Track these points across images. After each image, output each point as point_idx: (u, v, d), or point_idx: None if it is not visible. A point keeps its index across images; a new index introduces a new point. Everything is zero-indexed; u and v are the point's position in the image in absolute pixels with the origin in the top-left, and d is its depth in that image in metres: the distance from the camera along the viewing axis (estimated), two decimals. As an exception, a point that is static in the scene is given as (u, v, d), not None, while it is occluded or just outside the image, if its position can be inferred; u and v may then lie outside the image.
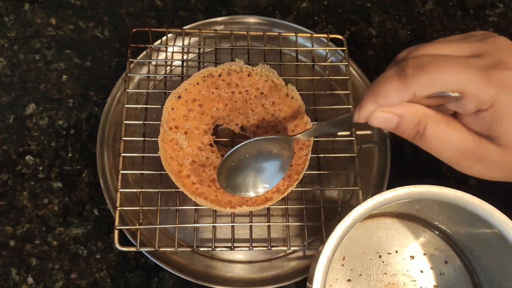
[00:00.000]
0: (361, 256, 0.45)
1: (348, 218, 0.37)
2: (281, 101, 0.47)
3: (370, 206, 0.37)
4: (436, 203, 0.40)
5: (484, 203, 0.38)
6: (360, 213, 0.37)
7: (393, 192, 0.38)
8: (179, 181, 0.43)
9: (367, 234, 0.46)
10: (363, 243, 0.45)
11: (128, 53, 0.50)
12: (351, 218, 0.37)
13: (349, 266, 0.44)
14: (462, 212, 0.38)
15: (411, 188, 0.38)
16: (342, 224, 0.37)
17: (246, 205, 0.43)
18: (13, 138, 0.52)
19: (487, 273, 0.43)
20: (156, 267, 0.47)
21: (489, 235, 0.39)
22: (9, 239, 0.48)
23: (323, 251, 0.36)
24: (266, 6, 0.59)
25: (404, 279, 0.44)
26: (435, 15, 0.60)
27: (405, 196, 0.38)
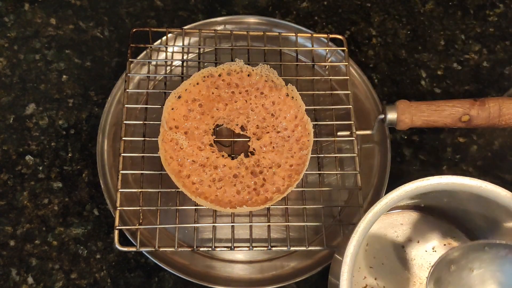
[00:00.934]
0: (384, 246, 0.45)
1: (380, 203, 0.37)
2: (281, 101, 0.47)
3: (403, 193, 0.37)
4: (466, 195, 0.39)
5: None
6: (392, 199, 0.37)
7: (426, 181, 0.37)
8: (179, 181, 0.43)
9: (392, 225, 0.46)
10: (387, 234, 0.46)
11: (128, 53, 0.50)
12: (384, 203, 0.37)
13: (372, 254, 0.45)
14: (494, 206, 0.38)
15: (444, 179, 0.37)
16: (373, 209, 0.37)
17: (246, 205, 0.43)
18: (13, 138, 0.51)
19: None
20: (156, 267, 0.47)
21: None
22: (9, 239, 0.48)
23: (355, 233, 0.36)
24: (266, 6, 0.59)
25: (424, 272, 0.44)
26: (435, 15, 0.60)
27: (438, 187, 0.37)
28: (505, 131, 0.54)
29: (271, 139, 0.46)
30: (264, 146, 0.46)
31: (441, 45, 0.58)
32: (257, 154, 0.46)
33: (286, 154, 0.46)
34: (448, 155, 0.53)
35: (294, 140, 0.46)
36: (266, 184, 0.44)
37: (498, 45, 0.58)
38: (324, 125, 0.50)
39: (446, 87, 0.56)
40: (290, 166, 0.45)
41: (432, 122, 0.47)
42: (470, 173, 0.52)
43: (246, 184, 0.44)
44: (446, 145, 0.53)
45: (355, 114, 0.49)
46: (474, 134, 0.54)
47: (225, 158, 0.46)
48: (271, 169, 0.45)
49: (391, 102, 0.48)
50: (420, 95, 0.55)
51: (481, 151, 0.53)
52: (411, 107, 0.47)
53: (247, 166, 0.45)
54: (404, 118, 0.46)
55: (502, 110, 0.46)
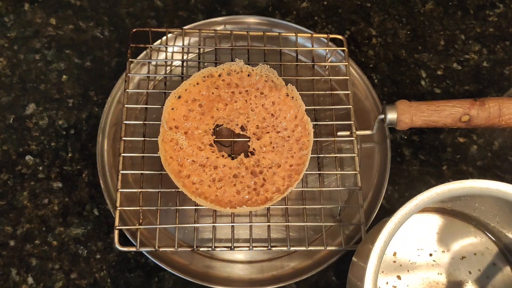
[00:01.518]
0: (410, 252, 0.44)
1: (410, 204, 0.36)
2: (281, 101, 0.47)
3: (437, 193, 0.36)
4: (499, 202, 0.38)
5: None
6: (424, 200, 0.36)
7: (459, 183, 0.36)
8: (179, 181, 0.43)
9: (419, 229, 0.45)
10: (413, 238, 0.45)
11: (128, 53, 0.50)
12: (414, 204, 0.36)
13: (399, 262, 0.44)
14: None
15: (478, 183, 0.37)
16: (403, 209, 0.36)
17: (246, 205, 0.43)
18: (13, 138, 0.51)
19: None
20: (156, 267, 0.47)
21: None
22: (9, 239, 0.48)
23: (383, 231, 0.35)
24: (266, 6, 0.59)
25: (451, 279, 0.44)
26: (435, 15, 0.60)
27: (472, 191, 0.37)
28: (505, 131, 0.54)
29: (271, 139, 0.46)
30: (264, 146, 0.46)
31: (441, 45, 0.58)
32: (257, 154, 0.46)
33: (286, 154, 0.46)
34: (448, 155, 0.53)
35: (294, 140, 0.46)
36: (266, 184, 0.44)
37: (498, 45, 0.58)
38: (324, 125, 0.50)
39: (446, 87, 0.56)
40: (290, 166, 0.45)
41: (432, 122, 0.47)
42: (470, 173, 0.52)
43: (246, 184, 0.44)
44: (446, 145, 0.53)
45: (355, 114, 0.49)
46: (474, 134, 0.54)
47: (225, 158, 0.46)
48: (271, 169, 0.45)
49: (391, 102, 0.48)
50: (420, 95, 0.55)
51: (481, 151, 0.53)
52: (411, 107, 0.47)
53: (247, 166, 0.45)
54: (404, 118, 0.46)
55: (502, 110, 0.46)
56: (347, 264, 0.48)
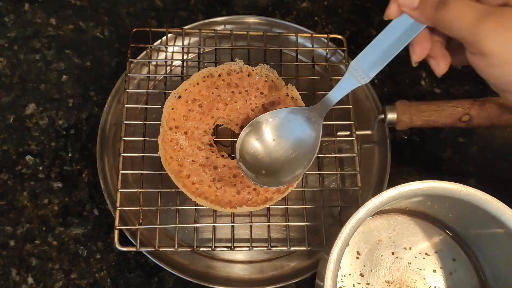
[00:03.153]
0: (373, 252, 0.45)
1: (363, 209, 0.37)
2: (281, 101, 0.47)
3: (386, 199, 0.37)
4: (449, 200, 0.40)
5: (496, 201, 0.38)
6: (375, 205, 0.37)
7: (407, 186, 0.38)
8: (179, 181, 0.43)
9: (379, 230, 0.46)
10: (375, 239, 0.45)
11: (128, 53, 0.50)
12: (366, 209, 0.37)
13: (362, 262, 0.45)
14: (473, 209, 0.39)
15: (425, 183, 0.38)
16: (357, 215, 0.37)
17: (246, 205, 0.43)
18: (13, 138, 0.52)
19: (494, 270, 0.43)
20: (156, 267, 0.47)
21: (499, 233, 0.39)
22: (9, 239, 0.48)
23: (338, 239, 0.36)
24: (266, 6, 0.59)
25: (414, 276, 0.44)
26: (435, 15, 0.59)
27: (419, 191, 0.38)
28: (505, 131, 0.54)
29: (271, 139, 0.46)
30: (264, 146, 0.46)
31: (441, 45, 0.58)
32: (257, 154, 0.46)
33: (286, 154, 0.46)
34: (448, 155, 0.53)
35: (294, 140, 0.46)
36: (266, 184, 0.44)
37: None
38: (324, 125, 0.50)
39: (446, 87, 0.56)
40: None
41: (432, 122, 0.47)
42: (470, 173, 0.52)
43: (246, 184, 0.44)
44: (446, 145, 0.53)
45: (355, 114, 0.49)
46: (474, 134, 0.54)
47: (225, 158, 0.46)
48: (271, 169, 0.45)
49: (391, 102, 0.48)
50: (420, 95, 0.55)
51: (481, 151, 0.53)
52: (411, 107, 0.47)
53: (247, 166, 0.45)
54: (404, 118, 0.46)
55: (502, 110, 0.46)
56: (347, 264, 0.48)
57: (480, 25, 0.29)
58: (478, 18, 0.29)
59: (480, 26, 0.29)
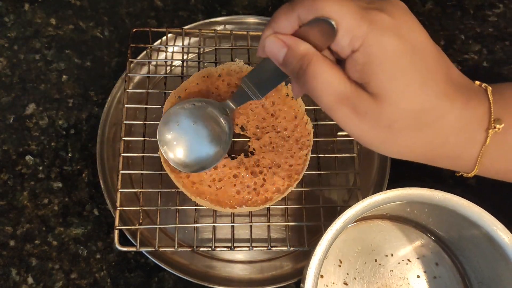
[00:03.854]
0: (356, 259, 0.45)
1: (340, 220, 0.37)
2: (281, 101, 0.47)
3: (361, 209, 0.38)
4: (426, 206, 0.40)
5: (472, 205, 0.38)
6: (351, 215, 0.37)
7: (383, 194, 0.38)
8: (179, 181, 0.43)
9: (361, 237, 0.45)
10: (357, 246, 0.45)
11: (128, 53, 0.50)
12: (343, 220, 0.37)
13: (345, 270, 0.44)
14: (452, 214, 0.38)
15: (400, 191, 0.38)
16: (334, 226, 0.37)
17: (246, 205, 0.43)
18: (13, 138, 0.52)
19: (478, 274, 0.43)
20: (156, 267, 0.47)
21: (478, 237, 0.39)
22: (9, 239, 0.48)
23: (315, 253, 0.36)
24: (266, 6, 0.59)
25: (398, 282, 0.44)
26: (434, 15, 0.60)
27: (395, 199, 0.38)
28: (504, 131, 0.54)
29: (270, 139, 0.46)
30: (264, 146, 0.46)
31: (440, 45, 0.58)
32: (257, 154, 0.46)
33: (286, 154, 0.46)
34: (447, 155, 0.53)
35: (294, 140, 0.46)
36: (266, 184, 0.44)
37: (498, 45, 0.58)
38: (324, 125, 0.50)
39: (446, 87, 0.56)
40: (290, 166, 0.45)
41: (432, 122, 0.47)
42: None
43: (246, 184, 0.44)
44: (445, 145, 0.53)
45: (355, 114, 0.49)
46: (473, 134, 0.54)
47: (225, 158, 0.46)
48: (271, 169, 0.45)
49: (391, 102, 0.48)
50: (420, 95, 0.55)
51: (480, 151, 0.53)
52: (410, 107, 0.47)
53: (247, 166, 0.45)
54: (404, 118, 0.47)
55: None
56: (347, 264, 0.48)
57: (337, 110, 0.30)
58: (336, 101, 0.30)
59: (337, 111, 0.30)
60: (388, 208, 0.43)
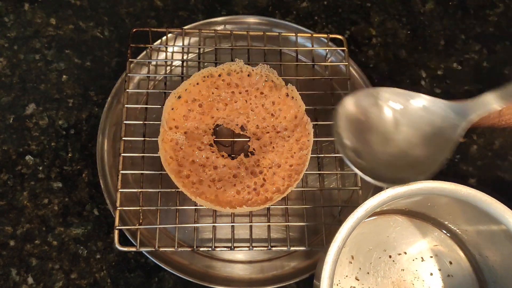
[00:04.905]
0: (370, 254, 0.45)
1: (361, 208, 0.37)
2: (281, 101, 0.47)
3: (383, 199, 0.37)
4: (448, 200, 0.39)
5: (496, 202, 0.37)
6: (373, 205, 0.37)
7: (406, 186, 0.37)
8: (179, 181, 0.43)
9: (377, 231, 0.45)
10: (372, 241, 0.45)
11: (128, 53, 0.50)
12: (364, 208, 0.37)
13: (358, 264, 0.44)
14: (474, 210, 0.38)
15: (424, 184, 0.38)
16: (354, 215, 0.37)
17: (246, 205, 0.43)
18: (13, 138, 0.52)
19: (493, 273, 0.43)
20: (156, 267, 0.47)
21: (498, 235, 0.39)
22: (9, 239, 0.48)
23: (335, 240, 0.36)
24: (266, 6, 0.59)
25: (412, 279, 0.44)
26: (435, 15, 0.60)
27: (418, 191, 0.38)
28: (505, 131, 0.54)
29: (271, 139, 0.46)
30: (264, 146, 0.46)
31: (441, 45, 0.58)
32: (257, 154, 0.46)
33: (286, 154, 0.46)
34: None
35: (294, 140, 0.46)
36: (266, 184, 0.44)
37: (498, 45, 0.58)
38: (324, 125, 0.50)
39: (446, 87, 0.56)
40: (290, 166, 0.45)
41: (432, 122, 0.47)
42: (470, 173, 0.52)
43: (246, 184, 0.44)
44: (446, 145, 0.53)
45: (355, 114, 0.49)
46: (474, 134, 0.54)
47: (225, 158, 0.46)
48: (271, 169, 0.45)
49: (391, 102, 0.48)
50: (420, 95, 0.55)
51: (481, 151, 0.53)
52: (411, 107, 0.47)
53: (247, 166, 0.45)
54: (404, 118, 0.46)
55: (502, 110, 0.46)
56: (347, 264, 0.48)
57: None
58: None
59: None
60: (408, 202, 0.43)
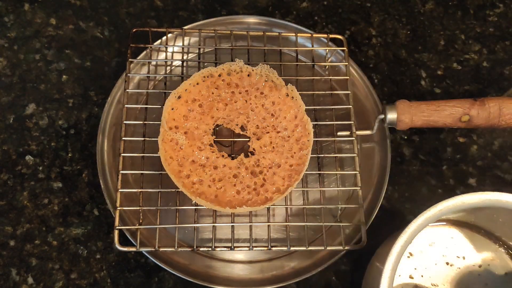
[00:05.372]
0: (427, 257, 0.44)
1: (435, 208, 0.36)
2: (281, 101, 0.47)
3: (457, 203, 0.36)
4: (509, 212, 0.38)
5: None
6: (448, 206, 0.36)
7: (470, 195, 0.37)
8: (179, 181, 0.43)
9: (436, 239, 0.45)
10: (430, 245, 0.45)
11: (128, 53, 0.50)
12: (438, 209, 0.36)
13: (414, 263, 0.44)
14: None
15: (491, 195, 0.37)
16: (426, 213, 0.36)
17: (246, 205, 0.43)
18: (13, 138, 0.52)
19: None
20: (156, 267, 0.47)
21: None
22: (9, 239, 0.48)
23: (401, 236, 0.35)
24: (266, 6, 0.59)
25: None
26: (435, 15, 0.60)
27: (483, 203, 0.37)
28: (505, 131, 0.54)
29: (271, 139, 0.46)
30: (264, 146, 0.46)
31: (441, 45, 0.58)
32: (257, 154, 0.46)
33: (286, 154, 0.46)
34: (448, 155, 0.53)
35: (294, 140, 0.46)
36: (266, 184, 0.44)
37: (498, 45, 0.58)
38: (324, 125, 0.50)
39: (446, 87, 0.56)
40: (290, 166, 0.45)
41: (432, 122, 0.47)
42: (470, 173, 0.52)
43: (246, 184, 0.44)
44: (446, 145, 0.53)
45: (355, 114, 0.49)
46: (474, 134, 0.54)
47: (225, 158, 0.46)
48: (271, 169, 0.45)
49: (391, 102, 0.48)
50: (420, 95, 0.55)
51: (481, 151, 0.53)
52: (411, 107, 0.47)
53: (247, 166, 0.45)
54: (404, 118, 0.46)
55: (502, 110, 0.46)
56: (347, 264, 0.48)
57: None
58: None
59: None
60: (473, 214, 0.42)
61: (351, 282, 0.47)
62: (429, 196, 0.51)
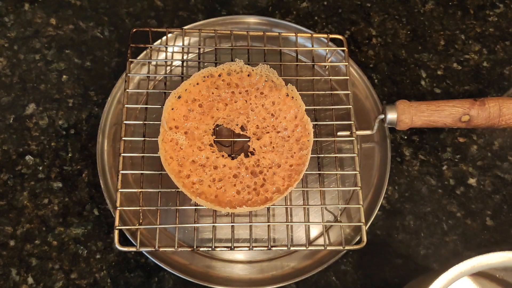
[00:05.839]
0: None
1: (471, 261, 0.35)
2: (281, 101, 0.47)
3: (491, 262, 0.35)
4: None
5: None
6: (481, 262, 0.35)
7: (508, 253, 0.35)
8: (179, 181, 0.43)
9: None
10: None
11: (128, 53, 0.50)
12: (475, 262, 0.35)
13: None
14: None
15: None
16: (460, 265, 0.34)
17: (246, 205, 0.43)
18: (13, 138, 0.51)
19: None
20: (156, 267, 0.47)
21: None
22: (9, 239, 0.48)
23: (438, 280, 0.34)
24: (266, 6, 0.59)
25: None
26: (435, 15, 0.60)
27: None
28: (505, 131, 0.54)
29: (271, 139, 0.46)
30: (264, 146, 0.46)
31: (441, 45, 0.58)
32: (257, 154, 0.46)
33: (286, 154, 0.46)
34: (448, 155, 0.53)
35: (294, 140, 0.46)
36: (266, 184, 0.44)
37: (498, 45, 0.58)
38: (324, 125, 0.50)
39: (446, 87, 0.56)
40: (290, 166, 0.45)
41: (432, 122, 0.47)
42: (470, 173, 0.52)
43: (246, 184, 0.44)
44: (446, 145, 0.53)
45: (355, 114, 0.49)
46: (474, 134, 0.54)
47: (225, 158, 0.46)
48: (271, 169, 0.45)
49: (391, 102, 0.48)
50: (420, 95, 0.55)
51: (481, 151, 0.53)
52: (411, 107, 0.47)
53: (247, 166, 0.45)
54: (404, 118, 0.46)
55: (502, 110, 0.46)
56: (347, 264, 0.48)
57: None
58: None
59: None
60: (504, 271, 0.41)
61: (351, 282, 0.47)
62: (429, 196, 0.51)
